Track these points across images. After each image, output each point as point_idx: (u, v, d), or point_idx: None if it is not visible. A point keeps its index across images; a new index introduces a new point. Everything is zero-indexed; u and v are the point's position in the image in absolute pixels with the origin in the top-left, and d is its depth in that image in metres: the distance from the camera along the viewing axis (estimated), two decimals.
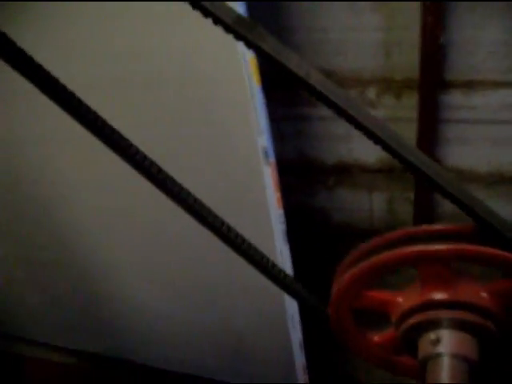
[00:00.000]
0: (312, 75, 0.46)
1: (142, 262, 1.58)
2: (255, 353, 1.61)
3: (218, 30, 0.56)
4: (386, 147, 0.46)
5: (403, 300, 0.51)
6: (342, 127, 1.57)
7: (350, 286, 0.50)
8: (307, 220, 1.78)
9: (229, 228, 0.59)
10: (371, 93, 1.54)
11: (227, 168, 1.24)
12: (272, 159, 1.20)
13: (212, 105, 1.14)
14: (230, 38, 1.05)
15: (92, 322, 1.89)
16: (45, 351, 2.08)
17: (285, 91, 1.53)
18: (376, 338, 0.56)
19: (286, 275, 0.59)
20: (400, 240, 0.50)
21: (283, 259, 1.33)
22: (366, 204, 1.74)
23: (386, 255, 0.47)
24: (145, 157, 0.54)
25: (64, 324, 1.98)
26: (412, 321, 0.50)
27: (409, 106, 1.53)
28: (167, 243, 1.48)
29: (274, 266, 0.59)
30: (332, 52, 1.48)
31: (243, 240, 0.59)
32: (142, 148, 0.61)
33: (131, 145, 0.54)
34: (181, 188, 0.57)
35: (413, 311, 0.50)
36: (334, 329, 0.55)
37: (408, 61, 1.46)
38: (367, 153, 1.64)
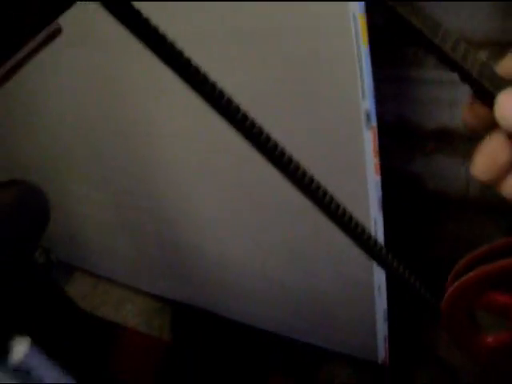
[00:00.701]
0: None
1: (230, 216, 1.58)
2: (337, 318, 1.58)
3: None
4: None
5: None
6: (446, 92, 1.48)
7: (475, 283, 0.46)
8: (402, 185, 1.72)
9: (326, 193, 0.55)
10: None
11: (326, 129, 1.19)
12: (374, 123, 1.15)
13: (315, 62, 1.09)
14: None
15: (177, 271, 1.92)
16: (130, 294, 2.14)
17: (389, 51, 1.45)
18: (490, 339, 0.51)
19: (380, 247, 0.56)
20: None
21: (377, 227, 1.29)
22: (463, 173, 1.66)
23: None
24: (248, 117, 0.51)
25: (150, 269, 2.02)
26: None
27: None
28: (256, 200, 1.47)
29: (369, 236, 0.55)
30: (444, 9, 1.38)
31: (339, 206, 0.55)
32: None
33: (239, 109, 0.50)
34: (277, 146, 0.53)
35: None
36: (445, 323, 0.51)
37: None
38: None
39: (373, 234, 1.19)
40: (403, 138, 1.64)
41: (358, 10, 0.99)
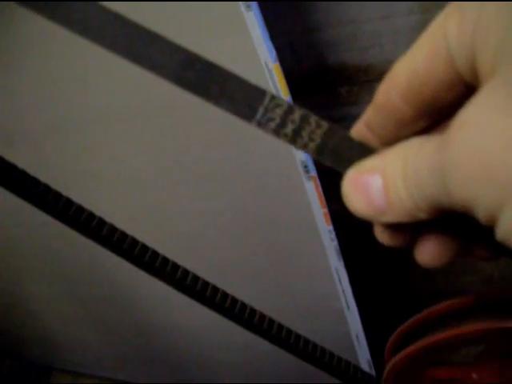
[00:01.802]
0: None
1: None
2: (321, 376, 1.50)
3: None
4: None
5: (480, 377, 0.40)
6: None
7: (406, 367, 0.39)
8: (357, 229, 1.67)
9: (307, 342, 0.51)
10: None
11: (268, 187, 1.15)
12: (313, 173, 1.10)
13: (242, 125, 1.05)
14: (250, 45, 0.96)
15: (150, 354, 1.83)
16: None
17: (320, 93, 1.42)
18: None
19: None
20: (461, 311, 0.39)
21: (340, 277, 1.23)
22: None
23: (446, 334, 0.36)
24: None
25: (121, 357, 1.93)
26: None
27: None
28: (224, 271, 1.41)
29: (362, 373, 0.50)
30: (366, 45, 1.36)
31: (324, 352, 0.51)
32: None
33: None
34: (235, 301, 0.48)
35: None
36: None
37: None
38: None
39: (337, 284, 1.12)
40: None
41: (270, 60, 0.95)
